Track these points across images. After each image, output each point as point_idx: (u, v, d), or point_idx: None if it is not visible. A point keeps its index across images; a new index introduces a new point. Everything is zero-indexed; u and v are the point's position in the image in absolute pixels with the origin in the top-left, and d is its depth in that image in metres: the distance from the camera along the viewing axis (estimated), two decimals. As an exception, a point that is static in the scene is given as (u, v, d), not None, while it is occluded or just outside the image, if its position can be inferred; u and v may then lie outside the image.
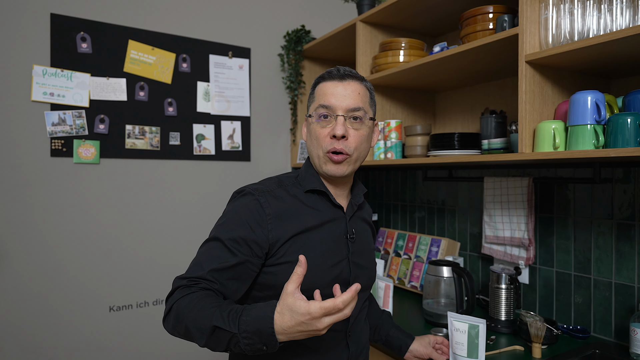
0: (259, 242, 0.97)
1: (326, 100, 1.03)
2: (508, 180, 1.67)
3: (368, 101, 1.08)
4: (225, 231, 0.98)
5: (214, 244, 0.98)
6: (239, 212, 0.99)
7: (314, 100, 1.08)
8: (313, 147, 1.06)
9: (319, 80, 1.08)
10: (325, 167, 1.05)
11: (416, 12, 1.80)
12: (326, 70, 1.08)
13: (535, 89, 1.26)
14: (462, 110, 1.98)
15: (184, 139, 2.05)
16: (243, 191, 1.04)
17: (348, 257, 1.08)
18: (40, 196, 1.74)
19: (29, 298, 1.72)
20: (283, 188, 1.05)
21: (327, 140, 1.03)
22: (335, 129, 1.01)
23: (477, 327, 1.23)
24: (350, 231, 1.10)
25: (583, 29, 1.18)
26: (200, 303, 0.88)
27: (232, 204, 1.03)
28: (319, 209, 1.06)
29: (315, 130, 1.04)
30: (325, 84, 1.06)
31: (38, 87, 1.73)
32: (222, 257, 0.96)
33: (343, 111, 1.02)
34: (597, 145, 1.10)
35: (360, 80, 1.08)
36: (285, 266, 0.99)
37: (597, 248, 1.49)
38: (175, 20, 2.04)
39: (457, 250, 1.95)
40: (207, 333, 0.85)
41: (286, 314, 0.80)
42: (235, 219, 0.99)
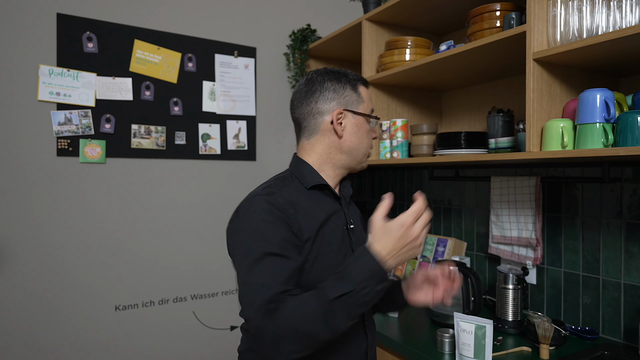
0: (295, 237, 0.95)
1: (373, 106, 1.18)
2: (515, 179, 1.65)
3: None
4: (263, 242, 0.91)
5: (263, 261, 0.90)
6: (263, 216, 0.94)
7: (362, 101, 1.11)
8: (364, 145, 1.11)
9: (358, 82, 1.12)
10: (365, 164, 1.15)
11: (422, 11, 1.79)
12: (356, 75, 1.12)
13: (543, 87, 1.25)
14: (468, 109, 1.96)
15: (189, 138, 2.05)
16: (256, 197, 0.98)
17: (351, 247, 1.09)
18: (46, 195, 1.75)
19: (35, 297, 1.73)
20: (288, 187, 1.04)
21: (372, 141, 1.15)
22: (377, 132, 1.16)
23: (484, 327, 1.22)
24: (349, 221, 1.11)
25: (592, 26, 1.16)
26: (299, 303, 0.84)
27: (250, 213, 0.96)
28: (325, 203, 1.07)
29: (369, 130, 1.12)
30: (365, 89, 1.13)
31: (44, 87, 1.74)
32: (280, 266, 0.90)
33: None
34: (606, 144, 1.09)
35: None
36: (309, 264, 0.97)
37: (606, 248, 1.47)
38: (180, 19, 2.04)
39: (464, 250, 1.93)
40: (326, 314, 0.82)
41: (383, 238, 0.86)
42: (262, 225, 0.93)
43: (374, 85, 1.92)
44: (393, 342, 1.46)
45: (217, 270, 2.13)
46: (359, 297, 0.82)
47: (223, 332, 2.14)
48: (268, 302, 0.85)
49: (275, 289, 0.86)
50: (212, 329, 2.12)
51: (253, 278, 0.89)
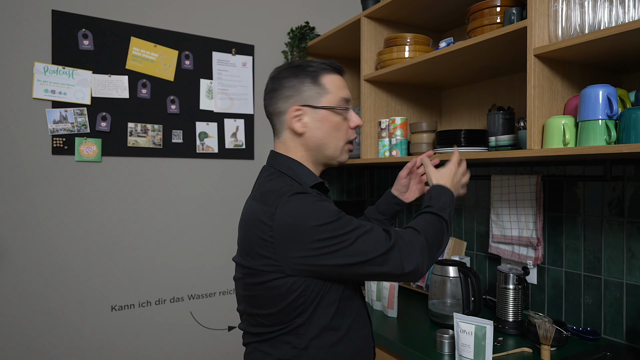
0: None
1: (346, 94, 1.08)
2: (516, 178, 1.63)
3: None
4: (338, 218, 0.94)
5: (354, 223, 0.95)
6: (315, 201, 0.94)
7: (326, 93, 1.05)
8: (332, 138, 1.07)
9: (321, 70, 1.06)
10: (342, 157, 1.10)
11: (421, 7, 1.76)
12: (322, 62, 1.08)
13: (545, 84, 1.23)
14: (468, 107, 1.94)
15: (186, 136, 2.03)
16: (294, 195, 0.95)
17: None
18: (41, 195, 1.73)
19: (30, 297, 1.71)
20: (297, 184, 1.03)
21: (349, 131, 1.09)
22: (357, 120, 1.10)
23: (484, 328, 1.20)
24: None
25: (594, 22, 1.14)
26: (428, 227, 1.02)
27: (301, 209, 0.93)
28: (326, 198, 1.08)
29: (339, 123, 1.08)
30: (335, 77, 1.08)
31: (39, 85, 1.72)
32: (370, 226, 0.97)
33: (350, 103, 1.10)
34: (609, 141, 1.07)
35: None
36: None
37: (608, 247, 1.45)
38: (177, 17, 2.02)
39: (464, 250, 1.91)
40: (444, 219, 1.05)
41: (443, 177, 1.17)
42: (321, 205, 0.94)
43: (373, 83, 1.90)
44: (392, 343, 1.44)
45: (214, 270, 2.11)
46: (451, 211, 1.09)
47: (220, 333, 2.12)
48: (417, 244, 0.97)
49: (397, 235, 0.97)
50: (209, 329, 2.10)
51: (363, 239, 0.94)
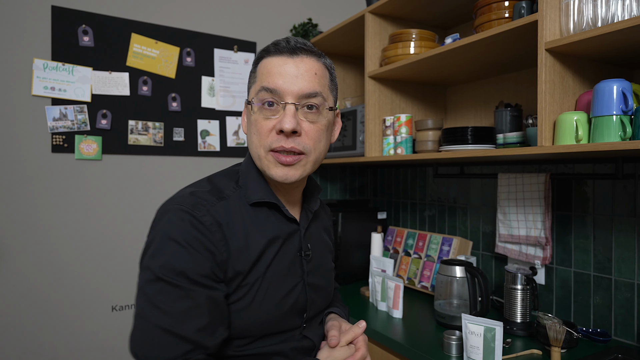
0: (218, 269, 0.76)
1: (271, 82, 0.79)
2: (524, 176, 1.60)
3: (328, 84, 0.85)
4: (169, 268, 0.72)
5: (166, 289, 0.72)
6: (179, 239, 0.73)
7: (255, 81, 0.84)
8: (253, 144, 0.83)
9: (263, 54, 0.84)
10: (271, 171, 0.81)
11: (427, 3, 1.73)
12: (272, 42, 0.84)
13: (556, 79, 1.20)
14: (474, 104, 1.91)
15: (188, 134, 2.00)
16: (176, 207, 0.76)
17: (303, 279, 0.89)
18: (41, 193, 1.70)
19: (30, 296, 1.68)
20: (224, 201, 0.81)
21: (271, 135, 0.80)
22: (283, 122, 0.77)
23: (494, 329, 1.17)
24: (305, 247, 0.90)
25: (607, 15, 1.11)
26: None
27: (164, 227, 0.75)
28: (272, 226, 0.84)
29: (257, 122, 0.81)
30: (270, 60, 0.81)
31: (39, 81, 1.69)
32: (188, 306, 0.72)
33: (294, 98, 0.79)
34: (623, 137, 1.03)
35: (318, 55, 0.84)
36: (240, 304, 0.79)
37: (619, 247, 1.42)
38: (179, 13, 1.99)
39: (470, 250, 1.88)
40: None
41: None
42: (177, 250, 0.73)
43: (377, 79, 1.87)
44: (398, 344, 1.41)
45: (216, 269, 2.08)
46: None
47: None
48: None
49: (186, 347, 0.70)
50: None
51: (162, 320, 0.70)
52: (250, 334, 0.80)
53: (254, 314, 0.80)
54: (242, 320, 0.79)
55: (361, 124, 1.93)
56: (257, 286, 0.80)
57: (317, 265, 0.94)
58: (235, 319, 0.79)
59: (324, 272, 0.97)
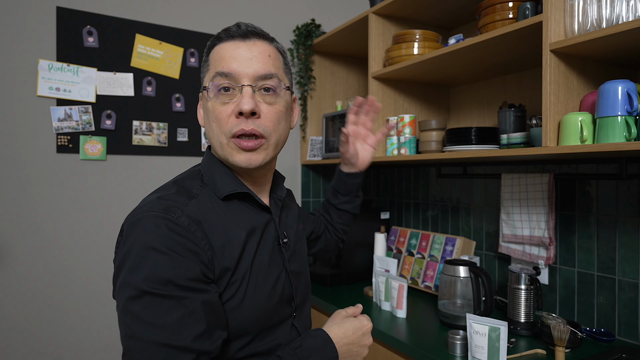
0: (206, 269, 0.74)
1: (225, 66, 0.78)
2: (527, 176, 1.61)
3: (282, 67, 0.85)
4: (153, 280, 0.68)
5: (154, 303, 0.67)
6: (158, 246, 0.69)
7: (208, 68, 0.83)
8: (213, 133, 0.81)
9: (214, 41, 0.83)
10: (234, 158, 0.80)
11: (430, 3, 1.74)
12: (223, 29, 0.83)
13: (560, 80, 1.20)
14: (477, 105, 1.92)
15: (192, 135, 2.01)
16: (147, 214, 0.72)
17: (285, 268, 0.89)
18: (46, 193, 1.71)
19: (35, 296, 1.69)
20: (195, 199, 0.79)
21: (231, 120, 0.78)
22: (242, 103, 0.77)
23: (498, 329, 1.18)
24: (281, 234, 0.90)
25: (611, 16, 1.11)
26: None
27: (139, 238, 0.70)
28: (248, 218, 0.83)
29: (214, 109, 0.79)
30: (222, 46, 0.81)
31: (44, 82, 1.70)
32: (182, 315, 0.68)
33: (250, 79, 0.78)
34: (628, 138, 1.04)
35: (270, 40, 0.84)
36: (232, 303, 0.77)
37: (622, 247, 1.42)
38: (183, 14, 1.99)
39: (473, 250, 1.89)
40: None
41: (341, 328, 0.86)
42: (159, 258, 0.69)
43: (381, 80, 1.87)
44: (402, 344, 1.41)
45: (220, 269, 2.09)
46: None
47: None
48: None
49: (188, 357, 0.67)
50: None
51: (149, 334, 0.66)
52: (247, 331, 0.79)
53: (248, 310, 0.78)
54: (238, 318, 0.78)
55: (364, 124, 1.93)
56: (247, 281, 0.79)
57: (294, 252, 0.95)
58: (231, 319, 0.77)
59: (300, 258, 0.98)
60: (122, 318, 0.69)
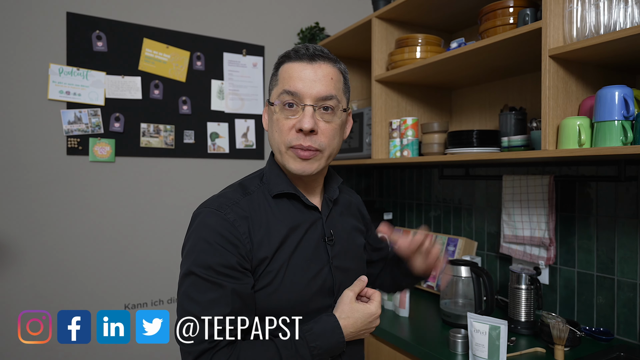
0: (244, 260, 0.86)
1: (292, 86, 0.87)
2: (528, 178, 1.63)
3: (342, 88, 0.93)
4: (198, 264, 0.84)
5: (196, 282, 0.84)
6: (207, 237, 0.85)
7: (277, 83, 0.92)
8: (274, 140, 0.92)
9: (284, 59, 0.92)
10: (290, 165, 0.90)
11: (433, 8, 1.77)
12: (292, 48, 0.92)
13: (559, 85, 1.23)
14: (479, 107, 1.94)
15: (198, 137, 2.05)
16: (205, 210, 0.89)
17: (330, 263, 0.95)
18: (56, 194, 1.75)
19: (45, 295, 1.73)
20: (249, 196, 0.92)
21: (291, 133, 0.88)
22: (303, 122, 0.86)
23: (499, 328, 1.21)
24: (328, 233, 0.97)
25: (609, 22, 1.14)
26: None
27: (194, 229, 0.88)
28: (293, 216, 0.93)
29: (279, 121, 0.89)
30: (291, 65, 0.90)
31: (54, 86, 1.74)
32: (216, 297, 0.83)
33: (312, 100, 0.87)
34: (625, 142, 1.07)
35: (334, 62, 0.92)
36: (268, 288, 0.88)
37: (621, 248, 1.45)
38: (189, 18, 2.03)
39: (475, 250, 1.92)
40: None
41: (351, 319, 0.89)
42: (206, 247, 0.84)
43: (384, 83, 1.90)
44: (405, 342, 1.44)
45: (225, 269, 2.13)
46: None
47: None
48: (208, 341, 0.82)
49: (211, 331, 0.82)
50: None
51: (193, 308, 0.83)
52: (283, 314, 0.89)
53: (284, 295, 0.88)
54: (274, 302, 0.88)
55: (368, 126, 1.97)
56: (283, 272, 0.88)
57: (344, 249, 1.00)
58: (268, 302, 0.87)
59: (352, 255, 1.03)
60: (178, 288, 0.88)
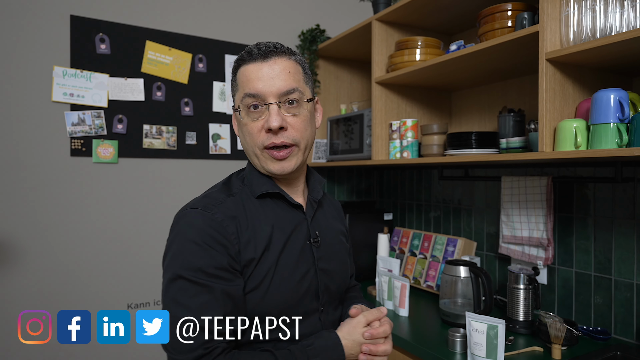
0: (233, 261, 0.84)
1: (252, 87, 0.87)
2: (526, 179, 1.65)
3: (302, 78, 0.92)
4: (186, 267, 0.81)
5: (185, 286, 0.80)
6: (194, 237, 0.82)
7: (237, 88, 0.91)
8: (247, 145, 0.92)
9: (239, 62, 0.91)
10: (269, 167, 0.90)
11: (432, 10, 1.79)
12: (245, 49, 0.90)
13: (556, 87, 1.25)
14: (478, 109, 1.96)
15: (200, 138, 2.07)
16: (190, 211, 0.86)
17: (315, 265, 0.94)
18: (60, 195, 1.77)
19: (49, 295, 1.75)
20: (233, 197, 0.90)
21: (262, 134, 0.88)
22: (270, 121, 0.86)
23: (496, 327, 1.23)
24: (313, 234, 0.96)
25: (605, 26, 1.16)
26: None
27: (179, 231, 0.85)
28: (278, 215, 0.92)
29: (247, 125, 0.89)
30: (247, 67, 0.89)
31: (58, 88, 1.76)
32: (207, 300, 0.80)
33: (275, 97, 0.87)
34: (620, 144, 1.09)
35: (289, 54, 0.91)
36: (252, 294, 0.86)
37: (618, 248, 1.47)
38: (191, 20, 2.05)
39: (474, 250, 1.93)
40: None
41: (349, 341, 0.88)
42: (194, 249, 0.81)
43: (384, 85, 1.92)
44: (405, 342, 1.46)
45: (227, 269, 2.14)
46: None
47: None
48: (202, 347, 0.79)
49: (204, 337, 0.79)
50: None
51: (178, 312, 0.80)
52: (272, 316, 0.87)
53: (272, 298, 0.87)
54: (263, 306, 0.86)
55: (368, 127, 1.98)
56: (272, 274, 0.87)
57: (329, 251, 0.99)
58: (257, 306, 0.86)
59: (336, 257, 1.02)
60: (163, 295, 0.84)
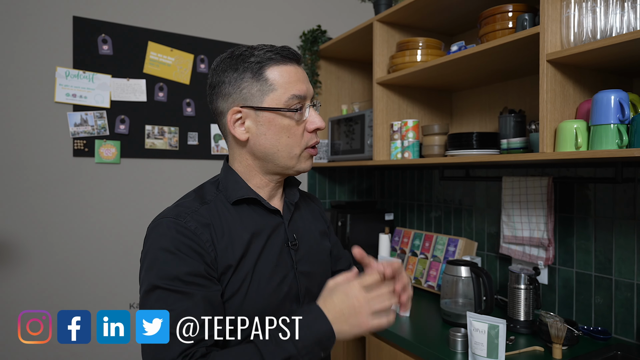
0: (209, 268, 0.82)
1: (299, 89, 0.87)
2: (527, 179, 1.66)
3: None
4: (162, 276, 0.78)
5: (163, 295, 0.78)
6: (167, 245, 0.80)
7: (272, 90, 0.86)
8: (283, 146, 0.88)
9: (267, 62, 0.87)
10: (303, 166, 0.92)
11: (433, 11, 1.79)
12: (271, 49, 0.88)
13: (557, 88, 1.25)
14: (479, 109, 1.97)
15: (202, 139, 2.07)
16: (162, 220, 0.84)
17: (294, 269, 0.93)
18: (63, 195, 1.78)
19: (51, 295, 1.76)
20: (208, 205, 0.88)
21: (306, 135, 0.90)
22: (317, 121, 0.90)
23: (497, 327, 1.23)
24: (291, 237, 0.94)
25: (606, 27, 1.17)
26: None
27: (152, 240, 0.83)
28: (255, 221, 0.90)
29: (290, 127, 0.88)
30: (284, 68, 0.87)
31: (61, 89, 1.77)
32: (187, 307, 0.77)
33: (310, 100, 0.91)
34: (620, 145, 1.09)
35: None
36: (235, 298, 0.84)
37: (619, 248, 1.47)
38: (193, 21, 2.06)
39: (475, 250, 1.94)
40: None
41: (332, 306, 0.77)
42: (169, 257, 0.79)
43: (385, 85, 1.93)
44: (406, 341, 1.47)
45: (229, 269, 2.15)
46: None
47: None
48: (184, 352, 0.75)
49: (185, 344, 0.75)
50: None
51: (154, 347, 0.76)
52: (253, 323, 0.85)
53: (251, 304, 0.85)
54: (242, 311, 0.84)
55: (369, 128, 1.99)
56: (249, 279, 0.85)
57: (308, 254, 0.97)
58: (235, 311, 0.83)
59: (316, 259, 1.00)
60: (141, 308, 0.81)
